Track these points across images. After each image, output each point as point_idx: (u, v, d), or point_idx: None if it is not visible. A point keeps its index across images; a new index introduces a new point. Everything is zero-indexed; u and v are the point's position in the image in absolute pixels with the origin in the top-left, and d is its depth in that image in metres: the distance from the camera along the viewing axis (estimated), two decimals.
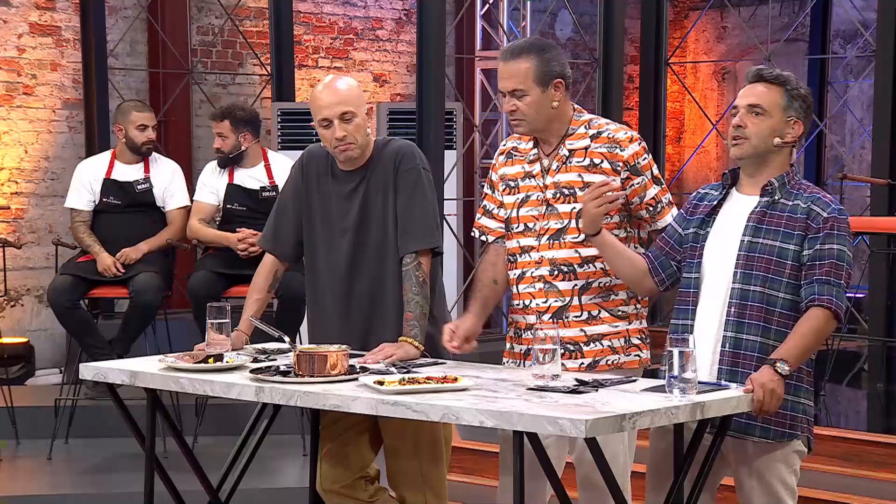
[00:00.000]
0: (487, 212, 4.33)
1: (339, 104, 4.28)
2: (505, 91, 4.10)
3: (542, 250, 4.15)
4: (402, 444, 4.41)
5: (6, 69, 9.02)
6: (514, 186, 4.23)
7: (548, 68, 4.07)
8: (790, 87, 3.89)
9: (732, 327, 3.86)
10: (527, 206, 4.19)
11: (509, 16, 11.61)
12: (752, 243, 3.86)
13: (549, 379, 3.74)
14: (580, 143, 4.14)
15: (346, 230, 4.40)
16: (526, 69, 4.06)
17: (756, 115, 3.88)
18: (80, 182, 6.97)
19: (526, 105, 4.08)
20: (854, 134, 12.51)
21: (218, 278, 6.65)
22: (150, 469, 4.34)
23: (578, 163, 4.12)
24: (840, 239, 3.82)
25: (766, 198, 3.89)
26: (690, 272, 3.97)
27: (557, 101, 4.10)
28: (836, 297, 3.78)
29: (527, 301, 4.17)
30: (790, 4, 12.47)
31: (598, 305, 4.14)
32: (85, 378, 4.38)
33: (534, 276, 4.15)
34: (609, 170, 4.09)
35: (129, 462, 6.50)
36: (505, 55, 4.11)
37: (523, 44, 4.13)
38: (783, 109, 3.88)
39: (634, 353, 4.19)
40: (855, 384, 7.81)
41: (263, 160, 6.83)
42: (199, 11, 10.07)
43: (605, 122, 4.19)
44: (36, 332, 9.15)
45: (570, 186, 4.12)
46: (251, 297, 4.53)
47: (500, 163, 4.31)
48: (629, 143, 4.12)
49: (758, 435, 3.86)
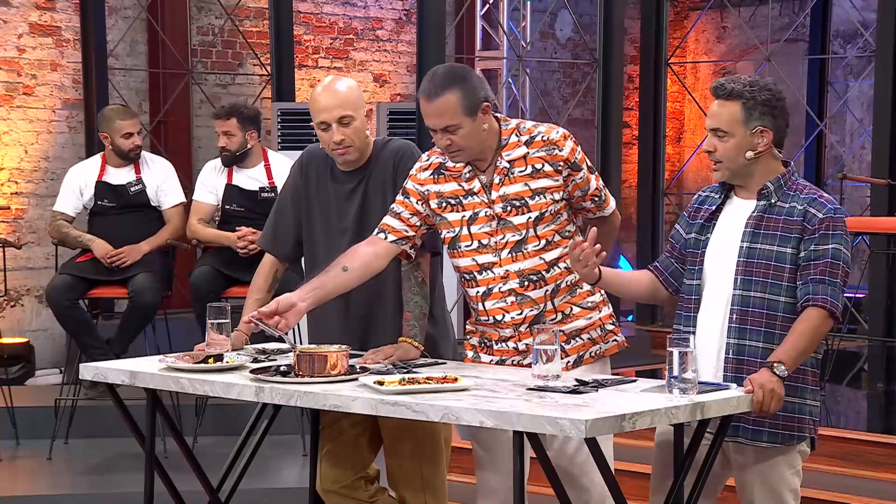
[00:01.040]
0: (395, 213, 4.22)
1: (338, 108, 4.27)
2: (436, 128, 4.03)
3: (506, 264, 4.11)
4: (401, 444, 4.41)
5: (6, 69, 9.02)
6: (457, 204, 4.16)
7: (474, 96, 4.00)
8: (746, 97, 3.83)
9: (735, 334, 3.85)
10: (478, 224, 4.13)
11: (509, 16, 11.62)
12: (750, 249, 3.86)
13: (549, 379, 3.74)
14: (517, 152, 4.10)
15: (345, 230, 4.40)
16: (454, 103, 3.98)
17: (720, 137, 3.86)
18: (69, 187, 6.97)
19: (461, 137, 4.02)
20: (854, 134, 12.51)
21: (219, 275, 6.65)
22: (150, 469, 4.34)
23: (521, 172, 4.09)
24: (836, 239, 3.80)
25: (764, 201, 3.88)
26: (692, 279, 3.96)
27: (486, 123, 4.05)
28: (832, 297, 3.78)
29: (498, 316, 4.14)
30: (790, 4, 12.47)
31: (568, 304, 4.14)
32: (84, 378, 4.38)
33: (503, 290, 4.11)
34: (552, 171, 4.07)
35: (129, 462, 6.50)
36: (428, 92, 4.01)
37: (443, 77, 4.01)
38: (744, 124, 3.83)
39: (612, 338, 4.21)
40: (855, 384, 7.81)
41: (264, 160, 6.84)
42: (199, 11, 10.07)
43: (531, 125, 4.15)
44: (36, 332, 9.15)
45: (519, 197, 4.08)
46: (251, 297, 4.53)
47: (425, 177, 4.20)
48: (564, 141, 4.09)
49: (766, 440, 3.85)
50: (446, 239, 4.21)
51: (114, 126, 6.90)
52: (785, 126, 3.91)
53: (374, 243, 4.20)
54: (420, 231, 4.22)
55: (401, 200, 4.23)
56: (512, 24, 11.67)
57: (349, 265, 4.16)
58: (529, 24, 11.65)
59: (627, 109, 12.00)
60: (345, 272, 4.16)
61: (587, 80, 11.26)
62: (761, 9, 12.33)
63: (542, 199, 4.08)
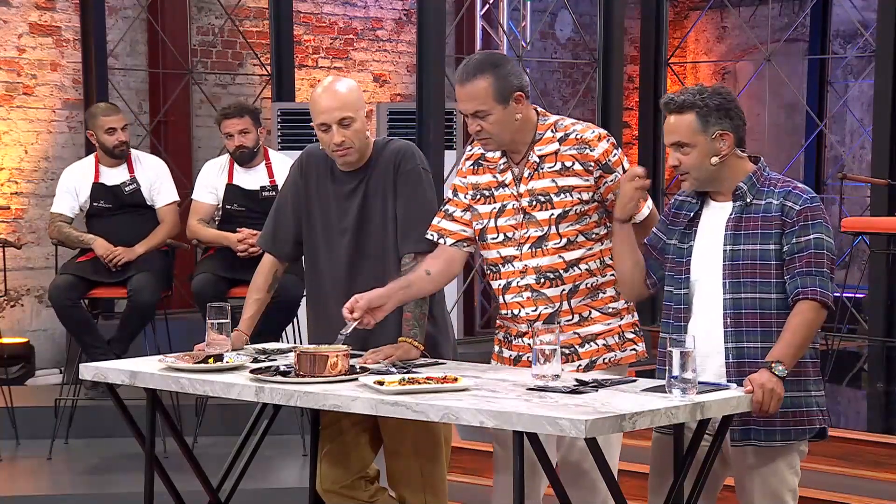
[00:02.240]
0: (449, 215, 4.24)
1: (338, 109, 4.27)
2: (466, 113, 4.04)
3: (525, 259, 4.11)
4: (401, 444, 4.41)
5: (6, 69, 9.02)
6: (489, 196, 4.17)
7: (506, 83, 4.00)
8: (698, 106, 3.82)
9: (732, 338, 3.85)
10: (504, 216, 4.14)
11: (509, 16, 11.62)
12: (734, 251, 3.85)
13: (550, 379, 3.74)
14: (549, 147, 4.09)
15: (345, 230, 4.40)
16: (485, 89, 3.99)
17: (682, 150, 3.85)
18: (64, 189, 6.97)
19: (490, 124, 4.02)
20: (854, 134, 12.50)
21: (220, 280, 6.65)
22: (150, 469, 4.34)
23: (550, 168, 4.08)
24: (816, 228, 3.79)
25: (740, 202, 3.87)
26: (679, 288, 3.94)
27: (520, 113, 4.05)
28: (821, 287, 3.77)
29: (515, 311, 4.14)
30: (790, 4, 12.46)
31: (587, 306, 4.13)
32: (85, 378, 4.38)
33: (520, 285, 4.12)
34: (581, 171, 4.06)
35: (129, 462, 6.50)
36: (461, 76, 4.02)
37: (477, 62, 4.02)
38: (702, 132, 3.82)
39: (630, 347, 4.19)
40: (855, 384, 7.80)
41: (265, 158, 6.84)
42: (199, 11, 10.07)
43: (570, 122, 4.14)
44: (36, 332, 9.15)
45: (545, 193, 4.08)
46: (251, 297, 4.53)
47: (467, 168, 4.23)
48: (598, 142, 4.08)
49: (780, 439, 3.85)
50: (476, 231, 4.21)
51: (97, 122, 6.90)
52: (742, 125, 3.88)
53: (442, 252, 4.22)
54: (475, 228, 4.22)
55: (453, 200, 4.25)
56: (512, 24, 11.67)
57: (432, 269, 4.19)
58: (529, 24, 11.65)
59: (627, 109, 12.00)
60: (428, 276, 4.19)
61: (587, 80, 11.26)
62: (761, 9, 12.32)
63: (567, 197, 4.06)
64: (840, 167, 11.88)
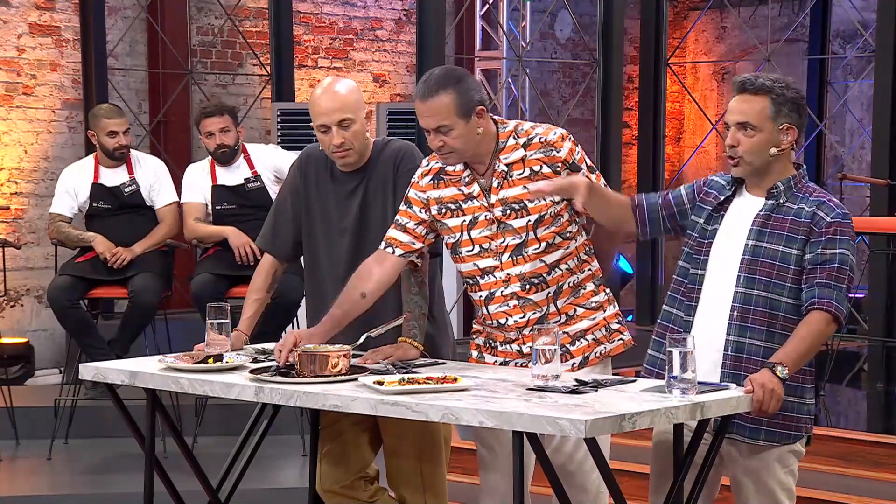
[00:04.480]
0: (400, 226, 4.20)
1: (338, 111, 4.26)
2: (429, 128, 4.02)
3: (507, 268, 4.10)
4: (401, 444, 4.41)
5: (6, 69, 9.02)
6: (457, 209, 4.15)
7: (468, 98, 4.00)
8: (776, 93, 3.81)
9: (735, 331, 3.85)
10: (478, 228, 4.12)
11: (509, 16, 11.63)
12: (755, 247, 3.85)
13: (549, 379, 3.74)
14: (515, 154, 4.09)
15: (345, 230, 4.40)
16: (447, 104, 3.98)
17: (746, 132, 3.83)
18: (63, 189, 6.96)
19: (453, 139, 4.01)
20: (854, 134, 12.51)
21: (220, 280, 6.65)
22: (150, 469, 4.34)
23: (520, 175, 4.07)
24: (843, 244, 3.80)
25: (772, 201, 3.87)
26: (697, 268, 3.94)
27: (481, 127, 4.04)
28: (837, 301, 3.77)
29: (502, 320, 4.14)
30: (790, 4, 12.47)
31: (572, 305, 4.14)
32: (84, 378, 4.38)
33: (504, 294, 4.11)
34: (550, 173, 4.05)
35: (129, 462, 6.50)
36: (422, 92, 4.01)
37: (438, 78, 4.01)
38: (772, 119, 3.81)
39: (617, 338, 4.20)
40: (855, 384, 7.80)
41: (244, 152, 6.86)
42: (198, 11, 10.08)
43: (529, 126, 4.14)
44: (36, 332, 9.16)
45: (518, 201, 4.07)
46: (250, 297, 4.53)
47: (426, 183, 4.19)
48: (562, 142, 4.08)
49: (763, 439, 3.85)
50: (448, 244, 4.20)
51: (99, 124, 6.90)
52: (803, 130, 3.89)
53: (384, 259, 4.18)
54: (427, 241, 4.21)
55: (404, 210, 4.21)
56: (512, 25, 11.67)
57: (366, 290, 4.16)
58: (529, 25, 11.65)
59: (627, 109, 12.01)
60: (364, 298, 4.16)
61: (587, 80, 11.26)
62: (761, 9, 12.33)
63: (541, 200, 4.07)
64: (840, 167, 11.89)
